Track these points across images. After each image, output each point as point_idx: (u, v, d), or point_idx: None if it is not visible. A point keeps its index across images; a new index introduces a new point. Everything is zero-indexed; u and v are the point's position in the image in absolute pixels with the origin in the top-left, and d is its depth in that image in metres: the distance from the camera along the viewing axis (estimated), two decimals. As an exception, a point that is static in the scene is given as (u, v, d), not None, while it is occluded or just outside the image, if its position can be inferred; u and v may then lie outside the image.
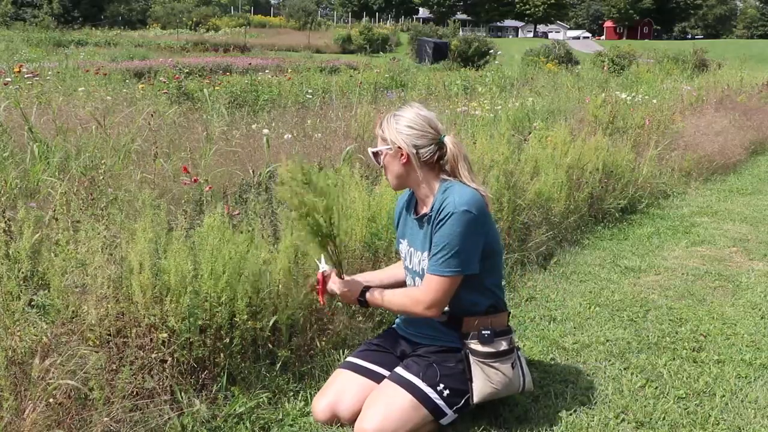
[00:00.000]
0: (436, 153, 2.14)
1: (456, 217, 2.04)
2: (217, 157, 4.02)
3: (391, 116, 2.17)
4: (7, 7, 42.36)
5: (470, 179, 2.14)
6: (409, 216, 2.28)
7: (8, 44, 18.33)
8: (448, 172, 2.17)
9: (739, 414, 2.34)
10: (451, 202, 2.06)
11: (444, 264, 2.06)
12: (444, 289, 2.08)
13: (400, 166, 2.15)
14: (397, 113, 2.17)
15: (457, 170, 2.15)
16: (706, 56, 20.00)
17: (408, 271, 2.29)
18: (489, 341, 2.13)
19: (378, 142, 2.20)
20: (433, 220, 2.11)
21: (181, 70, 11.99)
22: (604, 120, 6.37)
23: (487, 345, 2.13)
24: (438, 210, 2.09)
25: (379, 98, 8.21)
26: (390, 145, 2.14)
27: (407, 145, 2.11)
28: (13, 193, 3.01)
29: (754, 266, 4.01)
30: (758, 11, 78.51)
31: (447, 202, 2.07)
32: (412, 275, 2.26)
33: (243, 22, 44.20)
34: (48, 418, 1.78)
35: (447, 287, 2.08)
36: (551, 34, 65.29)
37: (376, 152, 2.19)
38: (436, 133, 2.14)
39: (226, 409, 2.18)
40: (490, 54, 24.24)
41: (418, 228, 2.21)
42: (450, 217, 2.04)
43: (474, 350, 2.14)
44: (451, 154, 2.14)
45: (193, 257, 2.25)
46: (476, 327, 2.14)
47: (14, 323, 1.88)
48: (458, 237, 2.04)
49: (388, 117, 2.18)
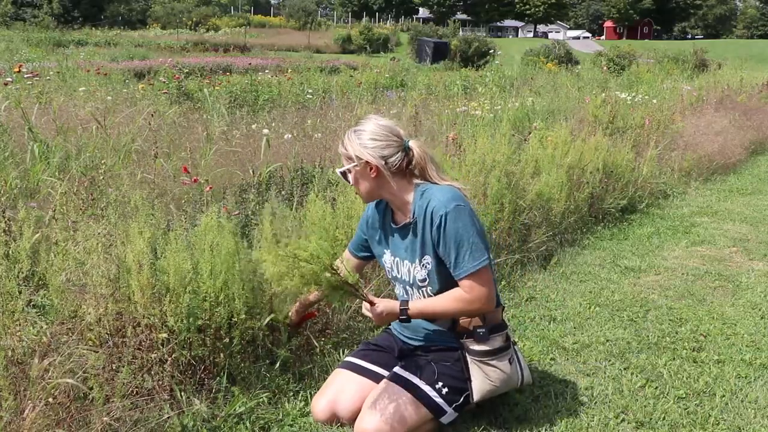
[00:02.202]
0: (404, 159, 2.11)
1: (452, 216, 2.03)
2: (217, 157, 4.02)
3: (351, 132, 2.13)
4: (7, 7, 42.37)
5: (440, 178, 2.14)
6: (387, 227, 2.25)
7: (8, 44, 18.35)
8: (417, 176, 2.15)
9: (739, 414, 2.34)
10: (436, 204, 2.05)
11: (471, 259, 2.05)
12: (486, 279, 2.08)
13: (370, 180, 2.11)
14: (357, 128, 2.13)
15: (426, 172, 2.14)
16: (706, 56, 19.99)
17: (397, 281, 2.27)
18: (484, 339, 2.13)
19: (343, 161, 2.16)
20: (422, 228, 2.09)
21: (181, 70, 11.99)
22: (604, 120, 6.38)
23: (483, 343, 2.13)
24: (423, 216, 2.08)
25: (379, 98, 8.21)
26: (356, 161, 2.10)
27: (374, 157, 2.07)
28: (13, 193, 3.01)
29: (754, 266, 4.01)
30: (758, 11, 78.54)
31: (431, 205, 2.06)
32: (403, 284, 2.23)
33: (243, 22, 44.22)
34: (48, 418, 1.78)
35: (487, 277, 2.08)
36: (551, 34, 65.29)
37: (344, 172, 2.16)
38: (400, 139, 2.12)
39: (226, 408, 2.18)
40: (490, 54, 24.24)
41: (400, 238, 2.19)
42: (446, 218, 2.03)
43: (470, 349, 2.14)
44: (419, 157, 2.12)
45: (191, 257, 2.25)
46: (470, 325, 2.14)
47: (14, 323, 1.88)
48: (465, 230, 2.04)
49: (348, 134, 2.14)
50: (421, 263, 2.13)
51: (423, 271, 2.13)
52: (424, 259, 2.12)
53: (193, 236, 2.35)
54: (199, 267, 2.23)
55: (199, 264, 2.24)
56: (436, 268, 2.11)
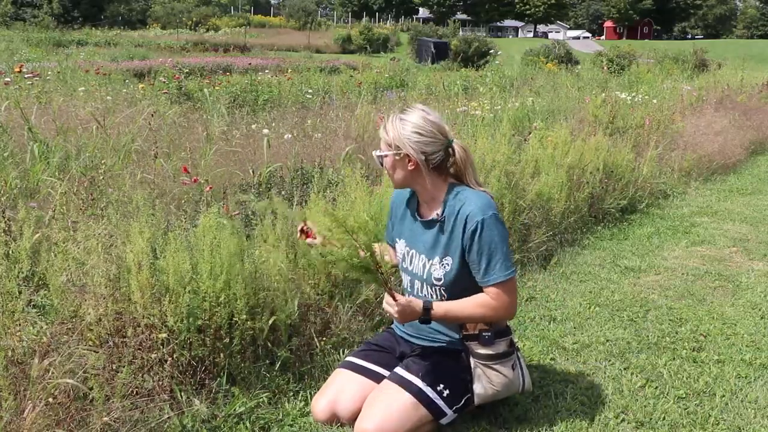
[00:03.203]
0: (444, 158, 2.10)
1: (489, 223, 2.04)
2: (217, 157, 4.02)
3: (396, 119, 2.08)
4: (7, 7, 42.36)
5: (476, 183, 2.14)
6: (408, 216, 2.23)
7: (8, 44, 18.35)
8: (452, 175, 2.14)
9: (739, 414, 2.34)
10: (473, 209, 2.04)
11: (503, 267, 2.06)
12: (513, 289, 2.10)
13: (406, 171, 2.09)
14: (403, 117, 2.07)
15: (464, 175, 2.13)
16: (706, 56, 20.00)
17: (406, 273, 2.25)
18: (489, 343, 2.12)
19: (382, 146, 2.12)
20: (451, 228, 2.08)
21: (181, 70, 12.00)
22: (604, 120, 6.38)
23: (488, 347, 2.12)
24: (455, 217, 2.07)
25: (379, 98, 8.21)
26: (396, 150, 2.06)
27: (415, 151, 2.04)
28: (13, 193, 3.01)
29: (754, 266, 4.01)
30: (758, 11, 78.53)
31: (466, 209, 2.05)
32: (413, 278, 2.21)
33: (243, 22, 44.21)
34: (48, 418, 1.78)
35: (513, 286, 2.10)
36: (551, 34, 65.28)
37: (381, 156, 2.12)
38: (444, 138, 2.08)
39: (226, 408, 2.18)
40: (490, 54, 24.24)
41: (422, 231, 2.17)
42: (483, 225, 2.03)
43: (475, 352, 2.13)
44: (459, 159, 2.11)
45: (191, 257, 2.25)
46: (476, 329, 2.14)
47: (14, 323, 1.88)
48: (499, 239, 2.05)
49: (393, 120, 2.08)
50: (441, 263, 2.12)
51: (441, 271, 2.12)
52: (445, 260, 2.11)
53: (193, 236, 2.35)
54: (198, 267, 2.23)
55: (199, 264, 2.24)
56: (457, 270, 2.10)
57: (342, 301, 2.74)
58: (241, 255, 2.32)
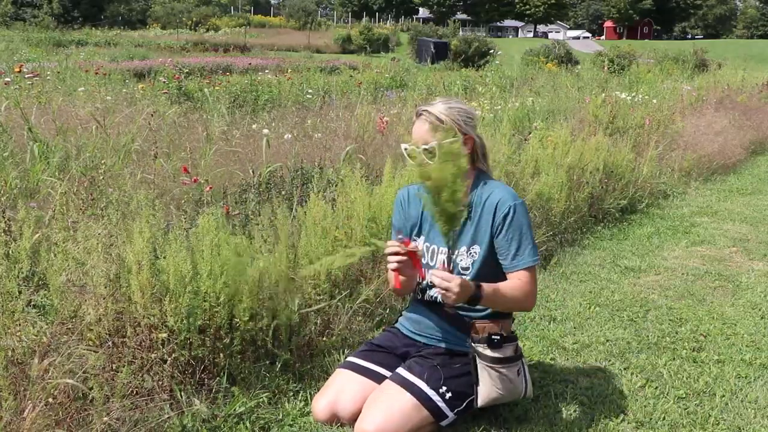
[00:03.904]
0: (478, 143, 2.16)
1: (520, 209, 2.10)
2: (217, 157, 4.02)
3: (442, 106, 2.09)
4: (7, 7, 42.36)
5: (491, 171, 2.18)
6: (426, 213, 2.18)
7: (8, 44, 18.35)
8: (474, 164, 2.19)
9: (739, 414, 2.34)
10: (503, 195, 2.10)
11: (531, 254, 2.11)
12: (535, 277, 2.14)
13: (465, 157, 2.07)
14: (451, 104, 2.11)
15: (483, 162, 2.18)
16: (706, 56, 20.02)
17: (427, 269, 2.19)
18: (498, 346, 2.12)
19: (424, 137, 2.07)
20: (479, 216, 2.11)
21: (181, 70, 11.99)
22: (604, 120, 6.38)
23: (496, 350, 2.12)
24: (483, 205, 2.11)
25: (379, 98, 8.21)
26: (455, 135, 2.01)
27: (474, 134, 2.11)
28: (13, 193, 3.01)
29: (754, 266, 4.01)
30: (758, 11, 78.52)
31: (496, 196, 2.10)
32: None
33: (243, 22, 44.21)
34: (48, 418, 1.77)
35: (536, 275, 2.15)
36: (551, 34, 65.28)
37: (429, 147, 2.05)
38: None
39: (226, 409, 2.18)
40: (490, 54, 24.25)
41: None
42: (515, 210, 2.09)
43: (483, 354, 2.12)
44: (482, 145, 2.16)
45: (191, 257, 2.25)
46: (487, 331, 2.13)
47: (14, 323, 1.88)
48: (527, 226, 2.12)
49: (439, 107, 2.08)
50: (469, 251, 2.15)
51: (468, 260, 2.15)
52: (473, 248, 2.15)
53: (193, 237, 2.34)
54: (198, 267, 2.23)
55: (199, 264, 2.24)
56: (484, 259, 2.13)
57: (342, 302, 2.73)
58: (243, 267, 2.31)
